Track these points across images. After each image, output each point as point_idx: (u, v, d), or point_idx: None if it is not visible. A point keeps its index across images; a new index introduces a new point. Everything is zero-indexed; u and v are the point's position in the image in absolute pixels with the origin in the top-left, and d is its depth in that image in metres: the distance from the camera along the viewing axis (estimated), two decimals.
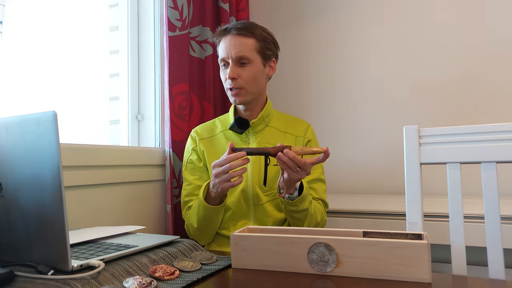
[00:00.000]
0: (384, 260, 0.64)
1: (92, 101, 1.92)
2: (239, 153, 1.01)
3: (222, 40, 1.20)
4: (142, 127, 1.61)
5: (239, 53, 1.17)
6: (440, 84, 1.77)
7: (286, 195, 1.09)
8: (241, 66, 1.18)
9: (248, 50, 1.18)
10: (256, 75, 1.20)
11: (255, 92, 1.21)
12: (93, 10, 1.98)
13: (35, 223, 0.63)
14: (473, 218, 1.21)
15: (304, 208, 1.10)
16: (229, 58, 1.18)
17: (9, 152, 0.64)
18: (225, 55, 1.19)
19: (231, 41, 1.18)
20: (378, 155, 1.87)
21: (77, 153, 1.18)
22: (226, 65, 1.20)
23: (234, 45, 1.17)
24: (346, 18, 1.97)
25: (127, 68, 1.60)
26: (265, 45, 1.21)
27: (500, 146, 0.84)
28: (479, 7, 1.71)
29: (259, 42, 1.20)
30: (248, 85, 1.19)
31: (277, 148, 1.01)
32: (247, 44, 1.18)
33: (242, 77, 1.18)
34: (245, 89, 1.19)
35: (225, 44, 1.19)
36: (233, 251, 0.74)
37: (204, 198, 1.12)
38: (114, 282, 0.61)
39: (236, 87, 1.18)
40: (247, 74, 1.18)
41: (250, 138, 1.24)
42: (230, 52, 1.17)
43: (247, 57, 1.18)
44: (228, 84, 1.19)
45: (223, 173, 1.02)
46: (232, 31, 1.18)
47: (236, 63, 1.18)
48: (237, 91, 1.19)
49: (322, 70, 2.02)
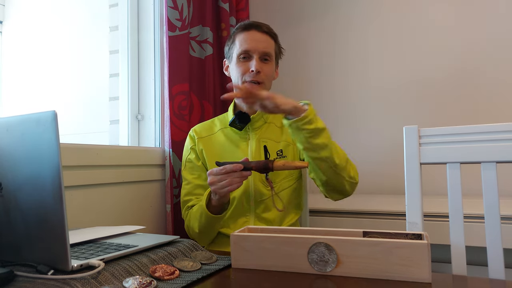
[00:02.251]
0: (384, 260, 0.64)
1: (92, 101, 1.92)
2: (236, 166, 1.00)
3: (245, 34, 1.23)
4: (142, 127, 1.61)
5: (266, 48, 1.21)
6: (440, 84, 1.77)
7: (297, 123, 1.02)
8: (264, 62, 1.22)
9: (272, 48, 1.24)
10: (273, 73, 1.27)
11: (267, 89, 1.24)
12: (93, 10, 1.98)
13: (35, 223, 0.63)
14: (473, 218, 1.21)
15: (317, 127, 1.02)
16: (254, 51, 1.20)
17: (9, 152, 0.64)
18: (249, 47, 1.20)
19: (260, 37, 1.22)
20: (378, 155, 1.87)
21: (77, 153, 1.18)
22: (247, 57, 1.22)
23: (262, 40, 1.21)
24: (345, 18, 1.97)
25: (127, 68, 1.60)
26: (278, 50, 1.29)
27: (500, 146, 0.84)
28: (479, 7, 1.71)
29: (277, 45, 1.27)
30: (267, 80, 1.23)
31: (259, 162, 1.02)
32: (271, 43, 1.24)
33: (264, 73, 1.21)
34: (264, 84, 1.22)
35: (251, 37, 1.22)
36: (233, 251, 0.74)
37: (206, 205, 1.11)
38: (114, 282, 0.61)
39: (259, 80, 1.21)
40: (268, 70, 1.23)
41: (249, 134, 1.25)
42: (257, 46, 1.20)
43: (271, 55, 1.23)
44: (250, 76, 1.20)
45: (218, 181, 1.02)
46: (259, 28, 1.23)
47: (261, 58, 1.21)
48: (258, 85, 1.21)
49: (322, 70, 2.02)
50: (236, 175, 1.01)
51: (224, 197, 1.07)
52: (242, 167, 1.01)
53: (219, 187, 1.02)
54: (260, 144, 1.22)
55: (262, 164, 1.01)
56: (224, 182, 1.01)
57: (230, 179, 1.00)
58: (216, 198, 1.07)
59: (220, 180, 1.01)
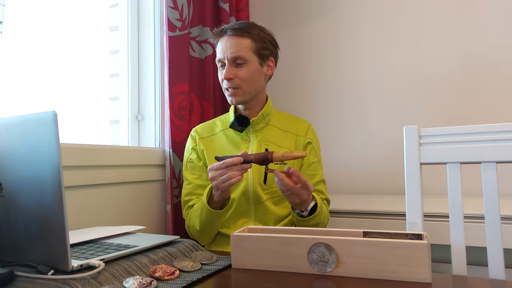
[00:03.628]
0: (384, 260, 0.64)
1: (92, 101, 1.92)
2: (236, 159, 1.01)
3: (219, 41, 1.21)
4: (142, 127, 1.61)
5: (235, 53, 1.18)
6: (440, 84, 1.77)
7: (297, 210, 1.12)
8: (237, 67, 1.19)
9: (244, 50, 1.18)
10: (253, 75, 1.20)
11: (252, 92, 1.21)
12: (93, 10, 1.98)
13: (35, 223, 0.63)
14: (473, 218, 1.21)
15: (315, 223, 1.11)
16: (225, 58, 1.19)
17: (9, 152, 0.64)
18: (221, 56, 1.20)
19: (227, 42, 1.19)
20: (378, 155, 1.87)
21: (77, 153, 1.18)
22: (223, 66, 1.21)
23: (230, 45, 1.18)
24: (346, 18, 1.97)
25: (127, 68, 1.60)
26: (262, 45, 1.21)
27: (500, 146, 0.84)
28: (479, 7, 1.71)
29: (255, 42, 1.20)
30: (245, 84, 1.19)
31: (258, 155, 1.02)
32: (243, 44, 1.18)
33: (238, 77, 1.19)
34: (242, 88, 1.19)
35: (222, 45, 1.20)
36: (233, 251, 0.74)
37: (207, 201, 1.12)
38: (114, 282, 0.61)
39: (233, 87, 1.19)
40: (243, 74, 1.19)
41: (250, 136, 1.24)
42: (226, 53, 1.18)
43: (242, 57, 1.18)
44: (225, 84, 1.21)
45: (219, 176, 1.02)
46: (228, 32, 1.19)
47: (232, 63, 1.19)
48: (233, 91, 1.20)
49: (322, 70, 2.02)
50: (236, 168, 1.01)
51: (225, 192, 1.07)
52: (241, 160, 1.01)
53: (220, 182, 1.02)
54: (262, 147, 1.22)
55: (261, 156, 1.02)
56: (225, 176, 1.01)
57: (230, 172, 1.01)
58: (218, 193, 1.07)
59: (221, 175, 1.02)
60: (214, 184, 1.05)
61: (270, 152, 1.01)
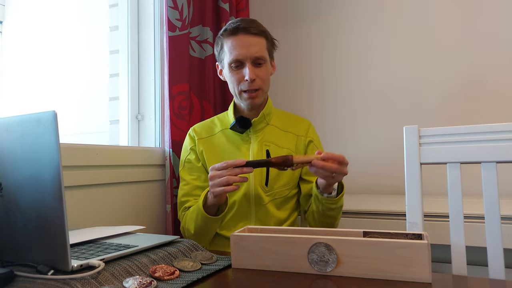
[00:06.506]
0: (384, 260, 0.64)
1: (92, 101, 1.92)
2: (238, 161, 0.98)
3: (233, 39, 1.14)
4: (142, 127, 1.61)
5: (257, 53, 1.13)
6: (441, 84, 1.77)
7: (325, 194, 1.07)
8: (257, 67, 1.14)
9: (263, 49, 1.15)
10: (269, 74, 1.19)
11: (266, 92, 1.20)
12: (93, 10, 1.98)
13: (35, 223, 0.63)
14: (473, 218, 1.21)
15: (341, 205, 1.10)
16: (246, 59, 1.13)
17: (9, 152, 0.64)
18: (240, 56, 1.13)
19: (247, 41, 1.12)
20: (378, 155, 1.87)
21: (77, 153, 1.18)
22: (239, 66, 1.15)
23: (251, 45, 1.12)
24: (346, 18, 1.97)
25: (127, 68, 1.60)
26: (271, 44, 1.20)
27: (500, 146, 0.84)
28: (479, 8, 1.71)
29: (268, 41, 1.18)
30: (264, 85, 1.17)
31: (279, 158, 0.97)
32: (262, 44, 1.15)
33: (259, 78, 1.15)
34: (262, 89, 1.16)
35: (240, 43, 1.13)
36: (233, 251, 0.74)
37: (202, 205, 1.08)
38: (114, 282, 0.61)
39: (255, 88, 1.15)
40: (263, 74, 1.15)
41: (251, 137, 1.22)
42: (248, 52, 1.12)
43: (263, 57, 1.15)
44: (245, 86, 1.14)
45: (218, 177, 1.00)
46: (246, 31, 1.13)
47: (252, 63, 1.14)
48: (255, 93, 1.15)
49: (322, 70, 2.02)
50: (237, 171, 0.98)
51: (219, 197, 1.04)
52: (244, 163, 0.98)
53: (216, 184, 0.99)
54: (263, 148, 1.20)
55: (281, 159, 0.96)
56: (223, 179, 0.98)
57: (228, 176, 0.98)
58: (211, 197, 1.04)
59: (219, 176, 0.99)
60: (210, 184, 1.02)
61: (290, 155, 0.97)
